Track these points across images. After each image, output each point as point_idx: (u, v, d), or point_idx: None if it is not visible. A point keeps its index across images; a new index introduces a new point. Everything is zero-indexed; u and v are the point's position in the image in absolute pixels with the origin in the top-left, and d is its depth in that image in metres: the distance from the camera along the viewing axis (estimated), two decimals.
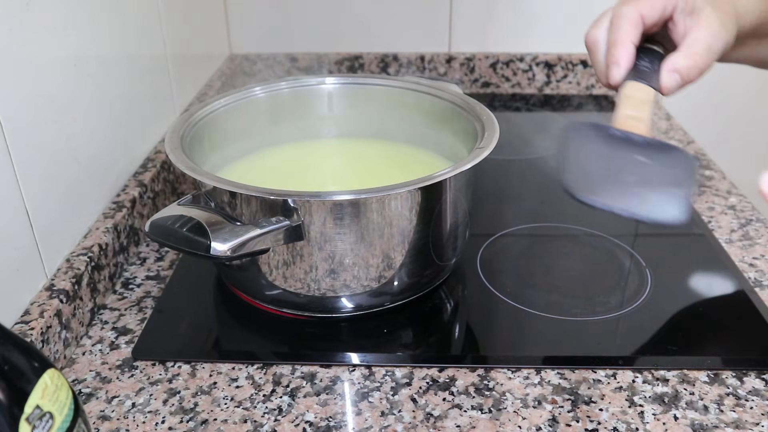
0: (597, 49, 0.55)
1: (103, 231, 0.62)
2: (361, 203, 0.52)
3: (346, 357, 0.54)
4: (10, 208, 0.51)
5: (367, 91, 0.72)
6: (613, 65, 0.53)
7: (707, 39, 0.53)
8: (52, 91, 0.57)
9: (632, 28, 0.53)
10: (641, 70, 0.53)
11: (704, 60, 0.53)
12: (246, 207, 0.52)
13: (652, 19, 0.54)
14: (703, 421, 0.48)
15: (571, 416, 0.49)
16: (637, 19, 0.53)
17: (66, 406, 0.35)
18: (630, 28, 0.53)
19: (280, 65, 1.11)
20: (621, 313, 0.58)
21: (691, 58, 0.53)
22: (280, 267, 0.55)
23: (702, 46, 0.53)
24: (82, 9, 0.61)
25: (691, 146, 0.90)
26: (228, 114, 0.67)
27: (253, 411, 0.50)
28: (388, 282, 0.56)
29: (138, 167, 0.73)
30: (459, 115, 0.66)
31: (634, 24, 0.53)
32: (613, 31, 0.54)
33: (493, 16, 1.07)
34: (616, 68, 0.53)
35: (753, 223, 0.72)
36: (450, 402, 0.50)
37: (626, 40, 0.53)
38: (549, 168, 0.85)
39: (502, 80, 1.11)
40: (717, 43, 0.53)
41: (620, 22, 0.53)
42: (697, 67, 0.53)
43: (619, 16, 0.54)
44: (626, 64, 0.53)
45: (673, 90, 0.53)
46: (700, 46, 0.53)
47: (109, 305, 0.61)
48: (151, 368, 0.54)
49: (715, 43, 0.53)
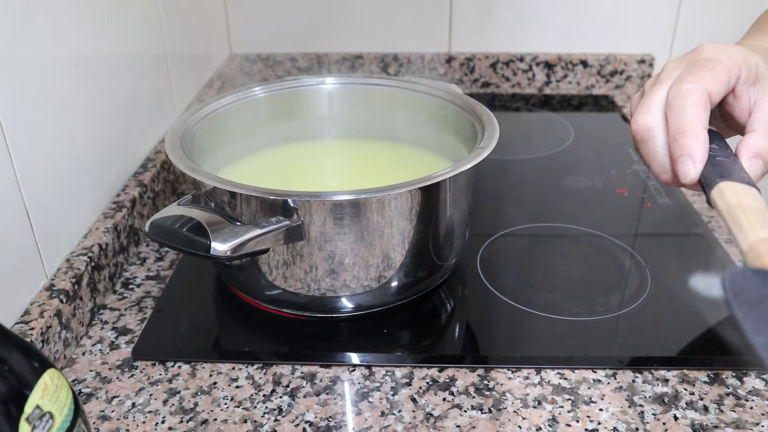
0: (653, 140, 0.44)
1: (103, 231, 0.62)
2: (361, 203, 0.52)
3: (346, 357, 0.54)
4: (10, 208, 0.51)
5: (367, 91, 0.72)
6: (686, 159, 0.42)
7: None
8: (52, 91, 0.57)
9: (701, 111, 0.42)
10: (718, 162, 0.42)
11: None
12: (246, 207, 0.52)
13: (718, 96, 0.43)
14: (703, 421, 0.48)
15: (571, 416, 0.49)
16: (704, 100, 0.42)
17: (66, 406, 0.35)
18: (698, 110, 0.42)
19: (280, 65, 1.12)
20: (621, 313, 0.58)
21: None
22: (280, 267, 0.55)
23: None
24: (82, 9, 0.61)
25: None
26: (228, 114, 0.67)
27: (253, 411, 0.50)
28: (388, 282, 0.56)
29: (138, 167, 0.74)
30: (459, 115, 0.66)
31: (702, 105, 0.42)
32: (677, 115, 0.42)
33: (493, 16, 1.07)
34: (690, 163, 0.42)
35: None
36: (450, 402, 0.50)
37: (697, 126, 0.42)
38: (549, 168, 0.85)
39: (502, 80, 1.11)
40: None
41: (685, 104, 0.42)
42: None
43: (681, 97, 0.43)
44: (702, 156, 0.42)
45: (760, 177, 0.43)
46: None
47: (109, 305, 0.61)
48: (151, 368, 0.54)
49: None
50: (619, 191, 0.79)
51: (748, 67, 0.44)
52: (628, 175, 0.83)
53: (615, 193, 0.79)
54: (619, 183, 0.81)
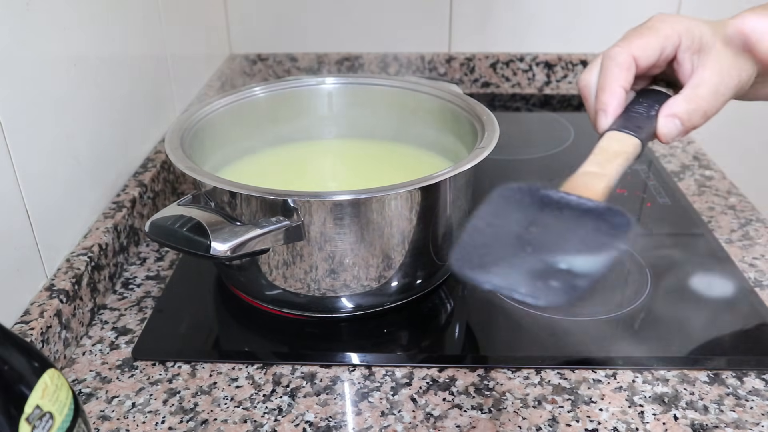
0: (588, 95, 0.51)
1: (103, 231, 0.62)
2: (361, 203, 0.52)
3: (346, 357, 0.54)
4: (10, 207, 0.51)
5: (367, 91, 0.72)
6: (600, 113, 0.48)
7: (713, 79, 0.48)
8: (52, 91, 0.57)
9: (622, 72, 0.48)
10: (632, 116, 0.48)
11: (709, 103, 0.48)
12: (246, 207, 0.52)
13: (647, 60, 0.49)
14: (703, 421, 0.48)
15: (571, 416, 0.49)
16: (628, 62, 0.48)
17: (66, 406, 0.35)
18: (619, 71, 0.48)
19: (280, 65, 1.12)
20: (621, 313, 0.58)
21: (692, 101, 0.48)
22: (280, 267, 0.55)
23: (707, 88, 0.48)
24: (82, 9, 0.61)
25: (691, 146, 0.91)
26: (228, 114, 0.67)
27: (253, 411, 0.50)
28: (388, 282, 0.56)
29: (138, 167, 0.74)
30: (459, 115, 0.66)
31: (625, 67, 0.48)
32: (603, 75, 0.49)
33: (493, 16, 1.07)
34: (603, 116, 0.48)
35: (753, 223, 0.72)
36: (450, 402, 0.50)
37: (614, 84, 0.48)
38: (549, 168, 0.85)
39: (502, 80, 1.11)
40: (726, 83, 0.48)
41: (610, 65, 0.48)
42: (701, 111, 0.48)
43: (608, 58, 0.49)
44: (614, 111, 0.48)
45: (673, 137, 0.48)
46: (704, 88, 0.48)
47: (109, 305, 0.61)
48: (151, 368, 0.54)
49: (724, 83, 0.48)
50: (619, 191, 0.79)
51: (690, 37, 0.48)
52: (628, 175, 0.82)
53: (615, 193, 0.78)
54: (619, 183, 0.80)
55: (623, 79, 0.48)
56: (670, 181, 0.80)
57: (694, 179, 0.82)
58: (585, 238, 0.35)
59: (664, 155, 0.88)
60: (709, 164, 0.85)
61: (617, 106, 0.48)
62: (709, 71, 0.48)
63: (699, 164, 0.86)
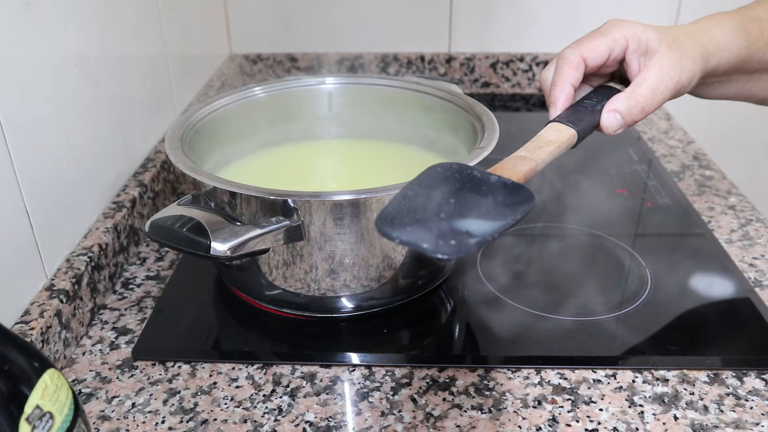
0: (546, 89, 0.57)
1: (103, 231, 0.62)
2: (361, 203, 0.52)
3: (346, 357, 0.54)
4: (10, 208, 0.51)
5: (367, 91, 0.72)
6: (551, 106, 0.54)
7: (654, 80, 0.53)
8: (52, 91, 0.57)
9: (571, 70, 0.54)
10: (579, 109, 0.54)
11: (647, 100, 0.53)
12: (246, 207, 0.52)
13: (595, 60, 0.54)
14: (703, 421, 0.48)
15: (571, 416, 0.49)
16: (577, 61, 0.54)
17: (66, 406, 0.35)
18: (569, 69, 0.54)
19: (280, 65, 1.12)
20: (621, 313, 0.58)
21: (632, 98, 0.53)
22: (280, 267, 0.55)
23: (647, 87, 0.53)
24: (81, 9, 0.61)
25: (691, 146, 0.91)
26: (228, 114, 0.67)
27: (253, 411, 0.50)
28: (388, 282, 0.56)
29: (138, 167, 0.74)
30: (459, 115, 0.66)
31: (574, 66, 0.54)
32: (555, 72, 0.55)
33: (493, 16, 1.08)
34: (552, 109, 0.54)
35: (753, 223, 0.72)
36: (450, 402, 0.50)
37: (564, 81, 0.54)
38: (549, 168, 0.85)
39: (502, 80, 1.11)
40: (665, 83, 0.53)
41: (561, 64, 0.55)
42: (639, 107, 0.53)
43: (561, 58, 0.55)
44: (562, 104, 0.54)
45: (615, 129, 0.54)
46: (644, 87, 0.53)
47: (109, 305, 0.61)
48: (151, 368, 0.54)
49: (663, 83, 0.53)
50: (619, 191, 0.79)
51: (637, 41, 0.54)
52: (628, 175, 0.83)
53: (615, 193, 0.79)
54: (619, 183, 0.81)
55: (572, 77, 0.54)
56: (670, 181, 0.80)
57: (694, 179, 0.82)
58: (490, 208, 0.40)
59: (665, 155, 0.88)
60: (709, 164, 0.85)
61: (565, 100, 0.54)
62: (651, 72, 0.53)
63: (699, 164, 0.86)
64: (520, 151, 0.49)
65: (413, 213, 0.39)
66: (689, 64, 0.54)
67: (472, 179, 0.42)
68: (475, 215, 0.40)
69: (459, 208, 0.40)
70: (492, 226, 0.39)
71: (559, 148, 0.50)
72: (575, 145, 0.52)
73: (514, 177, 0.44)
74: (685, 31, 0.56)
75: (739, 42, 0.57)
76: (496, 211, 0.40)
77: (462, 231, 0.38)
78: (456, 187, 0.42)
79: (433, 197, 0.41)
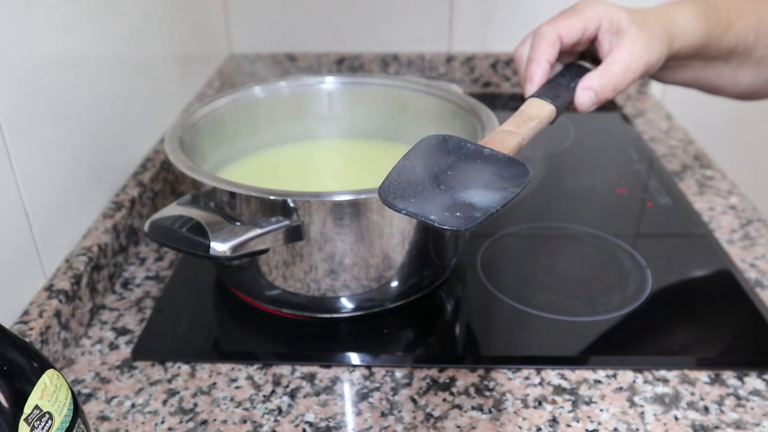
0: (520, 65, 0.58)
1: (103, 231, 0.62)
2: (361, 203, 0.51)
3: (346, 357, 0.54)
4: (9, 208, 0.51)
5: (367, 91, 0.72)
6: (527, 81, 0.56)
7: (625, 59, 0.55)
8: (52, 91, 0.57)
9: (548, 47, 0.55)
10: (554, 86, 0.55)
11: (619, 79, 0.55)
12: (246, 207, 0.52)
13: (570, 38, 0.56)
14: (704, 422, 0.48)
15: (572, 416, 0.49)
16: (553, 38, 0.56)
17: (65, 407, 0.34)
18: (545, 46, 0.55)
19: (280, 65, 1.11)
20: (621, 313, 0.58)
21: (605, 77, 0.55)
22: (280, 267, 0.55)
23: (618, 66, 0.55)
24: (81, 9, 0.61)
25: (691, 146, 0.90)
26: (228, 114, 0.67)
27: (252, 411, 0.50)
28: (388, 282, 0.56)
29: (138, 167, 0.73)
30: (459, 115, 0.66)
31: (551, 43, 0.56)
32: (531, 48, 0.56)
33: (493, 16, 1.07)
34: (529, 84, 0.55)
35: (753, 223, 0.72)
36: (450, 402, 0.50)
37: (541, 58, 0.55)
38: (549, 168, 0.85)
39: (502, 80, 1.11)
40: (636, 63, 0.55)
41: (537, 41, 0.56)
42: (611, 86, 0.55)
43: (537, 35, 0.56)
44: (539, 80, 0.55)
45: (588, 106, 0.55)
46: (616, 66, 0.55)
47: (109, 305, 0.61)
48: (150, 369, 0.54)
49: (634, 63, 0.55)
50: (620, 191, 0.79)
51: (609, 20, 0.56)
52: (629, 175, 0.82)
53: (615, 193, 0.79)
54: (620, 183, 0.80)
55: (548, 53, 0.55)
56: (671, 181, 0.80)
57: (695, 179, 0.82)
58: (489, 181, 0.41)
59: (665, 155, 0.88)
60: (710, 164, 0.85)
61: (542, 76, 0.55)
62: (622, 51, 0.55)
63: (700, 164, 0.86)
64: (506, 125, 0.50)
65: (413, 185, 0.40)
66: (657, 45, 0.56)
67: (466, 151, 0.43)
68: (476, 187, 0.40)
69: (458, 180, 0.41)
70: (494, 198, 0.39)
71: (541, 123, 0.51)
72: (553, 121, 0.53)
73: (505, 151, 0.45)
74: (652, 12, 0.58)
75: (700, 27, 0.59)
76: (495, 184, 0.41)
77: (465, 203, 0.39)
78: (451, 159, 0.43)
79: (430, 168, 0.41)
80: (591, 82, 0.55)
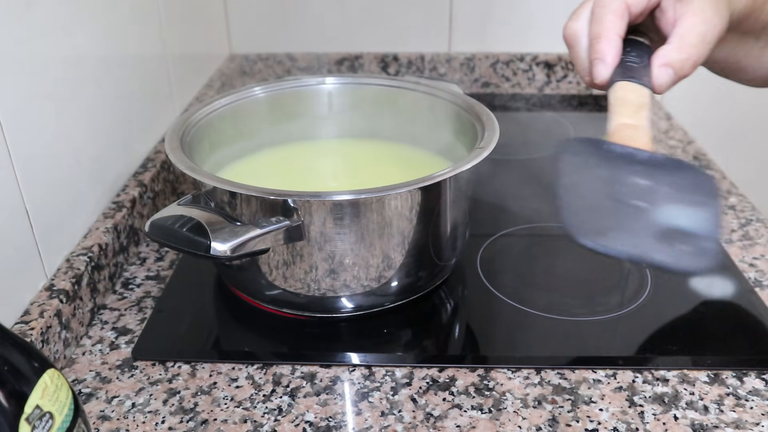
0: (578, 44, 0.50)
1: (103, 231, 0.62)
2: (361, 203, 0.52)
3: (346, 357, 0.54)
4: (10, 208, 0.51)
5: (367, 91, 0.72)
6: (598, 62, 0.47)
7: (700, 27, 0.47)
8: (52, 91, 0.57)
9: (617, 19, 0.47)
10: (629, 66, 0.47)
11: (698, 51, 0.47)
12: (246, 207, 0.52)
13: (638, 7, 0.48)
14: (704, 421, 0.48)
15: (571, 416, 0.49)
16: (622, 9, 0.47)
17: (66, 406, 0.35)
18: (615, 18, 0.47)
19: (280, 65, 1.12)
20: (621, 313, 0.58)
21: (683, 50, 0.47)
22: (280, 267, 0.55)
23: (695, 36, 0.47)
24: (82, 9, 0.61)
25: (691, 146, 0.90)
26: (228, 114, 0.67)
27: (253, 411, 0.50)
28: (388, 282, 0.56)
29: (138, 167, 0.73)
30: (459, 115, 0.66)
31: (619, 14, 0.47)
32: (596, 22, 0.48)
33: (493, 16, 1.07)
34: (601, 65, 0.47)
35: (753, 223, 0.72)
36: (450, 402, 0.50)
37: (611, 32, 0.47)
38: (549, 168, 0.85)
39: (502, 80, 1.11)
40: (711, 31, 0.47)
41: (603, 13, 0.47)
42: (691, 60, 0.47)
43: (602, 6, 0.48)
44: (613, 60, 0.47)
45: (667, 87, 0.47)
46: (692, 36, 0.47)
47: (109, 305, 0.61)
48: (151, 368, 0.54)
49: (710, 31, 0.47)
50: None
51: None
52: None
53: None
54: None
55: (618, 26, 0.47)
56: None
57: None
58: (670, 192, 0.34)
59: None
60: (710, 164, 0.85)
61: (615, 55, 0.47)
62: (694, 18, 0.47)
63: (699, 164, 0.86)
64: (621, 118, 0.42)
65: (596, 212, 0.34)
66: (725, 9, 0.48)
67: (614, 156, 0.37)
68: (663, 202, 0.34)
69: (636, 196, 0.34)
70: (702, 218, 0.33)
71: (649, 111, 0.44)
72: None
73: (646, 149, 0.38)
74: None
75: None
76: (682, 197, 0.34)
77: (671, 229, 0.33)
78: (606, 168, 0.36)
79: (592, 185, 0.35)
80: (669, 57, 0.46)
